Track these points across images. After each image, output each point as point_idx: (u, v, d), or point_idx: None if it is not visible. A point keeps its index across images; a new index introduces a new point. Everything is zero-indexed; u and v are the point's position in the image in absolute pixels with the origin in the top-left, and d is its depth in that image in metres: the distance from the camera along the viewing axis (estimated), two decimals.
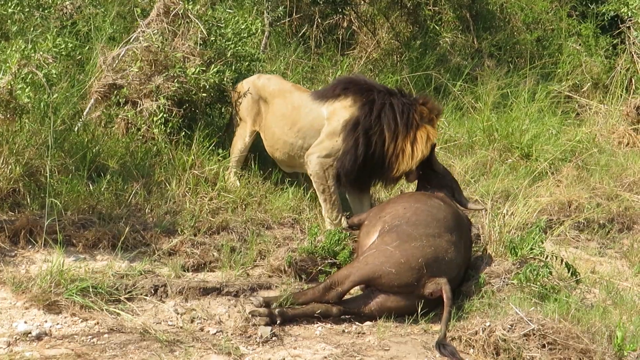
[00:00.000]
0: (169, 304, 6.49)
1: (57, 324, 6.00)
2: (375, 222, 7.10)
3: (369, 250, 6.74)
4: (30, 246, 6.78)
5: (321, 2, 11.98)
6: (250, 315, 6.39)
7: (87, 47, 8.99)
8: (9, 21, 7.76)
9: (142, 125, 8.12)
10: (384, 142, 7.74)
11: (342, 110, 7.83)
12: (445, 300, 6.54)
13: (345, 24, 12.67)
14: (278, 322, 6.38)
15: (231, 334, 6.24)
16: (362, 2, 12.72)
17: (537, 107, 11.41)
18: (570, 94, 12.46)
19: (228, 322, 6.40)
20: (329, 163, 7.78)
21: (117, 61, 8.33)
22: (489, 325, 6.27)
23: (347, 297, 6.74)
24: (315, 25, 12.07)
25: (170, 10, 8.44)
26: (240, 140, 8.42)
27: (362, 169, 7.81)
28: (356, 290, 6.87)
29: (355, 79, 8.26)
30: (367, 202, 8.19)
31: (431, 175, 7.93)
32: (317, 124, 7.90)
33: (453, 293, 6.70)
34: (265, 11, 10.86)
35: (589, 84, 12.72)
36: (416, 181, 8.04)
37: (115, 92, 8.17)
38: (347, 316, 6.68)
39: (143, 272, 6.76)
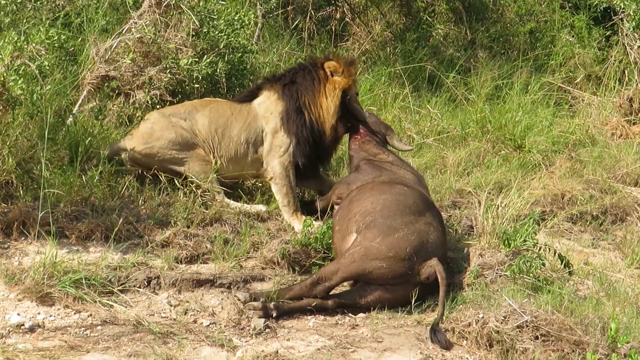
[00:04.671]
0: (162, 296, 6.49)
1: (50, 315, 5.99)
2: (347, 224, 7.02)
3: (354, 247, 6.69)
4: (23, 238, 6.76)
5: None
6: (245, 309, 6.38)
7: (79, 39, 8.96)
8: (1, 13, 7.72)
9: (135, 117, 8.11)
10: (312, 110, 7.91)
11: (273, 105, 7.93)
12: (440, 279, 6.55)
13: (338, 16, 12.66)
14: (274, 315, 6.38)
15: (224, 326, 6.24)
16: None
17: (530, 98, 11.43)
18: (563, 86, 12.47)
19: (221, 314, 6.40)
20: (288, 159, 7.84)
21: (109, 53, 8.31)
22: (482, 317, 6.28)
23: (343, 289, 6.77)
24: (308, 17, 12.05)
25: (162, 1, 8.42)
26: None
27: (313, 150, 7.98)
28: (344, 285, 6.87)
29: (265, 76, 8.47)
30: (326, 178, 8.40)
31: (358, 126, 8.07)
32: (257, 126, 7.93)
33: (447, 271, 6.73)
34: (258, 3, 10.84)
35: (582, 76, 12.74)
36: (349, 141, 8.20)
37: (106, 84, 8.15)
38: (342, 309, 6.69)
39: (136, 264, 6.74)
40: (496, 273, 7.05)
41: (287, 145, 7.83)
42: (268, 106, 7.92)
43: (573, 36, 13.29)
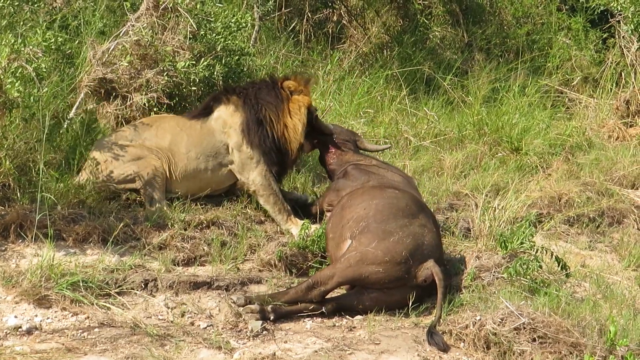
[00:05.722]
0: (160, 298, 6.49)
1: (48, 318, 5.99)
2: (340, 231, 6.98)
3: (349, 252, 6.68)
4: (20, 240, 6.75)
5: None
6: (242, 311, 6.37)
7: (76, 41, 8.95)
8: None
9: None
10: (274, 126, 7.83)
11: (230, 118, 7.83)
12: (437, 281, 6.55)
13: (335, 18, 12.67)
14: (271, 318, 6.37)
15: (222, 328, 6.24)
16: None
17: (527, 101, 11.44)
18: (560, 88, 12.48)
19: (218, 316, 6.40)
20: (264, 168, 7.77)
21: (106, 55, 8.30)
22: (480, 319, 6.28)
23: (341, 293, 6.77)
24: (305, 19, 12.05)
25: (159, 4, 8.42)
26: None
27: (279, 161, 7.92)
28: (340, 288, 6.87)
29: (220, 90, 8.29)
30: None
31: (327, 139, 8.08)
32: (215, 140, 7.81)
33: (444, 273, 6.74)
34: (255, 5, 10.83)
35: (578, 78, 12.75)
36: (317, 154, 8.29)
37: (104, 86, 8.16)
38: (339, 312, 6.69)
39: (133, 267, 6.74)
40: (493, 275, 7.06)
41: (257, 157, 7.75)
42: (226, 120, 7.80)
43: (570, 38, 13.32)
